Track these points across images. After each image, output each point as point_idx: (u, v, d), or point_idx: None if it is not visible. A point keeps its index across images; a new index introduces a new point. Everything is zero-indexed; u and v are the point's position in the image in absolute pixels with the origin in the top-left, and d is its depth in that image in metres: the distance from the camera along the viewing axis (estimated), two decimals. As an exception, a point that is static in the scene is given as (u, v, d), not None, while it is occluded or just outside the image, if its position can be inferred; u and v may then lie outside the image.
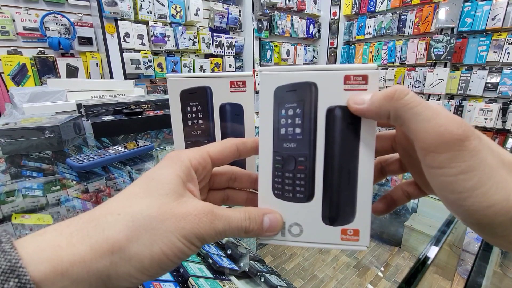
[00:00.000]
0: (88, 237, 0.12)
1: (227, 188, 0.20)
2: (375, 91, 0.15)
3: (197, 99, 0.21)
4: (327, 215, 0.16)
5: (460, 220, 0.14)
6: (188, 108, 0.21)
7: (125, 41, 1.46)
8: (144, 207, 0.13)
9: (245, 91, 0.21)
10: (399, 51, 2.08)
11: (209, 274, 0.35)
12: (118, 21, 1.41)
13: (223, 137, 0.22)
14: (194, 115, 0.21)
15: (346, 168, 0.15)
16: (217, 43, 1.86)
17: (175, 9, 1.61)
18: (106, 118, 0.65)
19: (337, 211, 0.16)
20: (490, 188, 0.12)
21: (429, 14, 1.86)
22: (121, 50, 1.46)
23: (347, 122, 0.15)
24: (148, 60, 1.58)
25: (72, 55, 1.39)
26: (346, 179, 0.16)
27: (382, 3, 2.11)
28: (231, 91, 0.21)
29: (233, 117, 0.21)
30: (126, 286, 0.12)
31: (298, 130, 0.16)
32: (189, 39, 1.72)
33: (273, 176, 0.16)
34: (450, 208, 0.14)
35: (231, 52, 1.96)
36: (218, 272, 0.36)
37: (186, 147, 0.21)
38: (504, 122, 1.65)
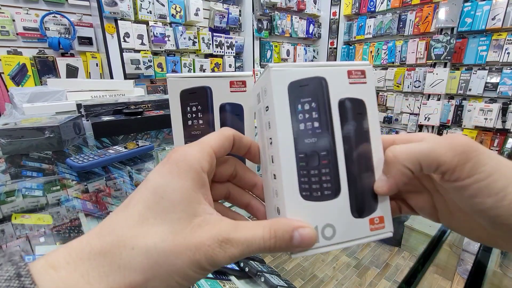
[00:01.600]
0: (105, 276, 0.11)
1: (228, 182, 0.19)
2: (373, 83, 0.16)
3: (197, 99, 0.21)
4: (355, 208, 0.16)
5: (491, 231, 0.15)
6: (188, 108, 0.21)
7: (125, 41, 1.46)
8: (158, 240, 0.12)
9: (245, 91, 0.21)
10: (399, 51, 2.08)
11: (209, 274, 0.35)
12: (118, 21, 1.41)
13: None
14: (194, 115, 0.21)
15: (364, 156, 0.16)
16: (217, 43, 1.86)
17: (175, 9, 1.61)
18: (106, 118, 0.65)
19: (364, 200, 0.16)
20: None
21: (429, 14, 1.85)
22: (121, 50, 1.46)
23: (356, 112, 0.16)
24: (148, 60, 1.58)
25: (72, 55, 1.39)
26: (365, 167, 0.16)
27: (382, 3, 2.11)
28: (231, 91, 0.21)
29: (233, 117, 0.21)
30: None
31: (316, 124, 0.15)
32: (189, 39, 1.72)
33: (299, 176, 0.15)
34: (488, 216, 0.14)
35: (231, 52, 1.96)
36: (218, 272, 0.36)
37: None
38: (504, 122, 1.65)
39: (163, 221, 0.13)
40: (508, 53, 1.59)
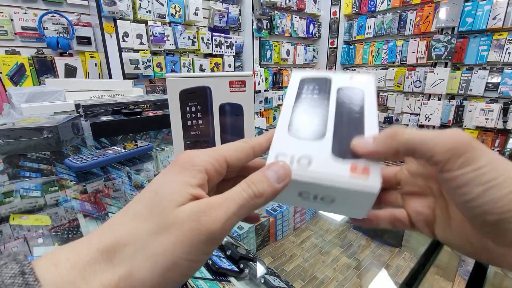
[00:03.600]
0: (100, 272, 0.12)
1: (237, 177, 0.18)
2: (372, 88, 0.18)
3: (196, 99, 0.21)
4: (336, 149, 0.16)
5: (479, 227, 0.15)
6: (188, 108, 0.21)
7: (124, 40, 1.45)
8: (145, 233, 0.13)
9: (244, 91, 0.21)
10: (399, 51, 2.07)
11: (209, 275, 0.35)
12: (117, 21, 1.41)
13: (223, 137, 0.22)
14: (193, 115, 0.21)
15: (354, 117, 0.17)
16: (216, 43, 1.86)
17: (174, 8, 1.61)
18: (104, 118, 0.65)
19: (347, 145, 0.16)
20: (508, 176, 0.13)
21: (429, 13, 1.85)
22: (120, 50, 1.45)
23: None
24: (147, 60, 1.57)
25: (71, 55, 1.38)
26: (354, 124, 0.17)
27: (382, 2, 2.11)
28: (230, 91, 0.21)
29: (233, 117, 0.21)
30: None
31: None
32: (189, 38, 1.71)
33: (291, 118, 0.17)
34: (475, 208, 0.14)
35: (231, 52, 1.95)
36: (218, 273, 0.36)
37: (185, 147, 0.21)
38: (505, 122, 1.65)
39: (152, 214, 0.13)
40: (509, 53, 1.59)
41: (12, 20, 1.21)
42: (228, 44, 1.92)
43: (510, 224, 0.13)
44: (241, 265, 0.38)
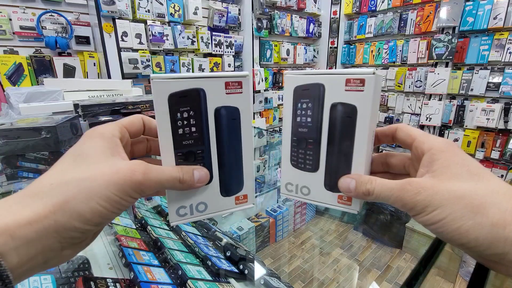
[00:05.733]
0: (29, 206, 0.13)
1: (148, 139, 0.22)
2: (371, 92, 0.18)
3: (188, 103, 0.18)
4: (328, 183, 0.21)
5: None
6: (179, 115, 0.18)
7: (123, 40, 1.45)
8: (76, 175, 0.15)
9: (241, 92, 0.19)
10: (400, 51, 2.07)
11: (208, 277, 0.35)
12: (116, 20, 1.40)
13: (218, 145, 0.20)
14: (185, 122, 0.19)
15: (344, 150, 0.20)
16: (216, 43, 1.85)
17: (174, 8, 1.60)
18: (103, 118, 0.64)
19: (335, 180, 0.20)
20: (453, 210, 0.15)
21: (430, 13, 1.84)
22: (119, 50, 1.45)
23: (346, 115, 0.19)
24: (146, 60, 1.57)
25: (69, 55, 1.38)
26: (343, 158, 0.20)
27: (383, 2, 2.10)
28: (226, 93, 0.19)
29: (229, 122, 0.19)
30: (77, 236, 0.14)
31: (309, 119, 0.20)
32: (188, 38, 1.71)
33: (291, 152, 0.22)
34: (448, 240, 0.16)
35: (231, 52, 1.95)
36: (217, 275, 0.36)
37: (176, 160, 0.19)
38: (506, 122, 1.64)
39: (80, 167, 0.15)
40: (510, 53, 1.58)
41: (10, 19, 1.21)
42: (227, 43, 1.91)
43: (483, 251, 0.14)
44: (241, 266, 0.38)
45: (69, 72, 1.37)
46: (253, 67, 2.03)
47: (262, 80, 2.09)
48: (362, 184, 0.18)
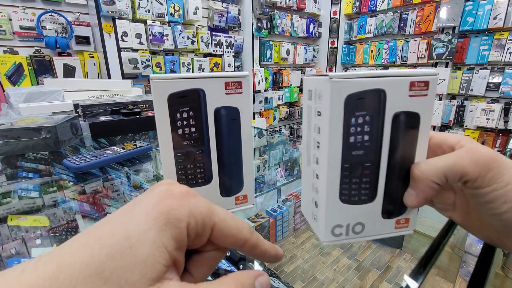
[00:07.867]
0: None
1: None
2: (433, 95, 0.16)
3: (188, 103, 0.18)
4: (385, 211, 0.18)
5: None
6: (178, 115, 0.18)
7: (123, 40, 1.45)
8: None
9: (241, 92, 0.19)
10: (400, 51, 2.07)
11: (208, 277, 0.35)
12: (116, 20, 1.40)
13: (218, 145, 0.20)
14: (185, 123, 0.18)
15: (406, 167, 0.17)
16: (216, 43, 1.85)
17: (174, 8, 1.60)
18: (103, 118, 0.65)
19: (396, 206, 0.18)
20: None
21: (430, 13, 1.84)
22: (119, 50, 1.45)
23: (409, 126, 0.16)
24: (146, 60, 1.57)
25: (69, 55, 1.38)
26: (405, 177, 0.17)
27: (383, 2, 2.10)
28: (226, 94, 0.19)
29: (229, 122, 0.19)
30: None
31: (366, 138, 0.16)
32: (188, 38, 1.70)
33: (341, 183, 0.17)
34: (501, 220, 0.15)
35: (231, 52, 1.95)
36: (217, 275, 0.36)
37: (176, 160, 0.19)
38: (506, 122, 1.64)
39: (117, 282, 0.10)
40: (510, 53, 1.58)
41: (10, 19, 1.21)
42: (227, 43, 1.91)
43: None
44: (241, 266, 0.38)
45: (69, 72, 1.37)
46: (253, 67, 2.03)
47: (262, 80, 2.09)
48: (426, 177, 0.16)
